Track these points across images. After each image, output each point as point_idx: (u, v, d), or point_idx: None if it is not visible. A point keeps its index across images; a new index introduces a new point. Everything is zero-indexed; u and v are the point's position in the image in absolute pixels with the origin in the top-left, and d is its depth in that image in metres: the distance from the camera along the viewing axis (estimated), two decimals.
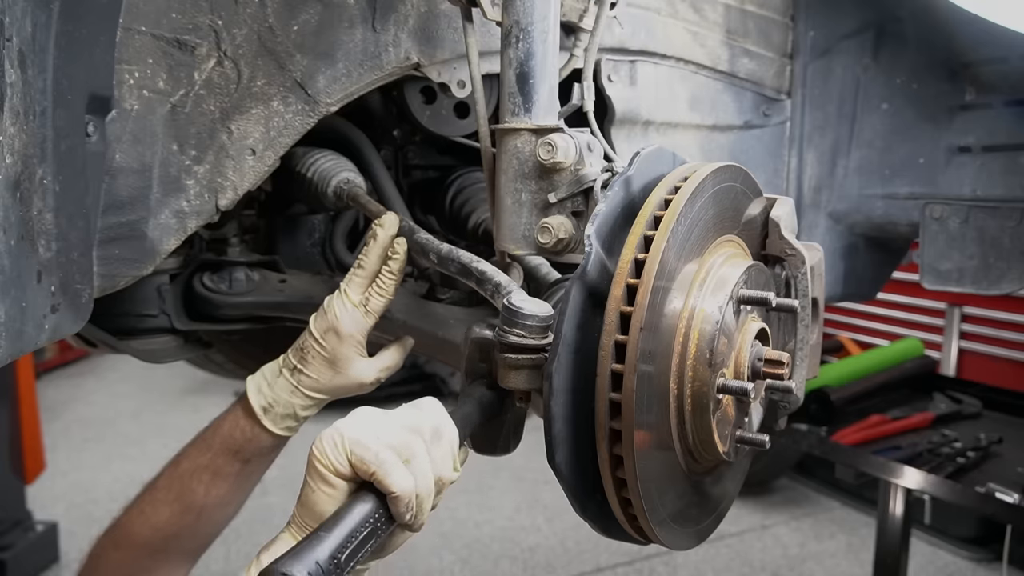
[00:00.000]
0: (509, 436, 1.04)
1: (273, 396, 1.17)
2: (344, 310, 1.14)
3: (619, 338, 0.84)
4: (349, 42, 1.15)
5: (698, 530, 1.01)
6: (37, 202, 0.85)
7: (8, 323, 0.80)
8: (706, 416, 0.90)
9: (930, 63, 1.65)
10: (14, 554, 3.81)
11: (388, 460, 0.79)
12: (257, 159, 1.13)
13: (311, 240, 1.60)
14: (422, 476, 0.82)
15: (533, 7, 1.00)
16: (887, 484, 3.01)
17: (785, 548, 4.36)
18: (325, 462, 0.80)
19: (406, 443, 0.82)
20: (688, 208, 0.89)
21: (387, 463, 0.79)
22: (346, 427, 0.82)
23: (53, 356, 7.26)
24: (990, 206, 1.61)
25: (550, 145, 1.00)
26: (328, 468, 0.80)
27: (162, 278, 1.42)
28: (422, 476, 0.82)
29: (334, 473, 0.80)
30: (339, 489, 0.81)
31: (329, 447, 0.80)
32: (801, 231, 1.73)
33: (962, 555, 4.15)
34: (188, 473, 1.18)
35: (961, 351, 4.74)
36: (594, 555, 4.24)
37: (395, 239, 1.16)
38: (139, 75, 1.01)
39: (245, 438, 1.17)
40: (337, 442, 0.80)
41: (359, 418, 0.84)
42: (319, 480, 0.81)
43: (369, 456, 0.79)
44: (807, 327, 1.08)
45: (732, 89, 1.66)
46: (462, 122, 1.43)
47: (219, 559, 4.18)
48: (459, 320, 1.26)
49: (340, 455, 0.80)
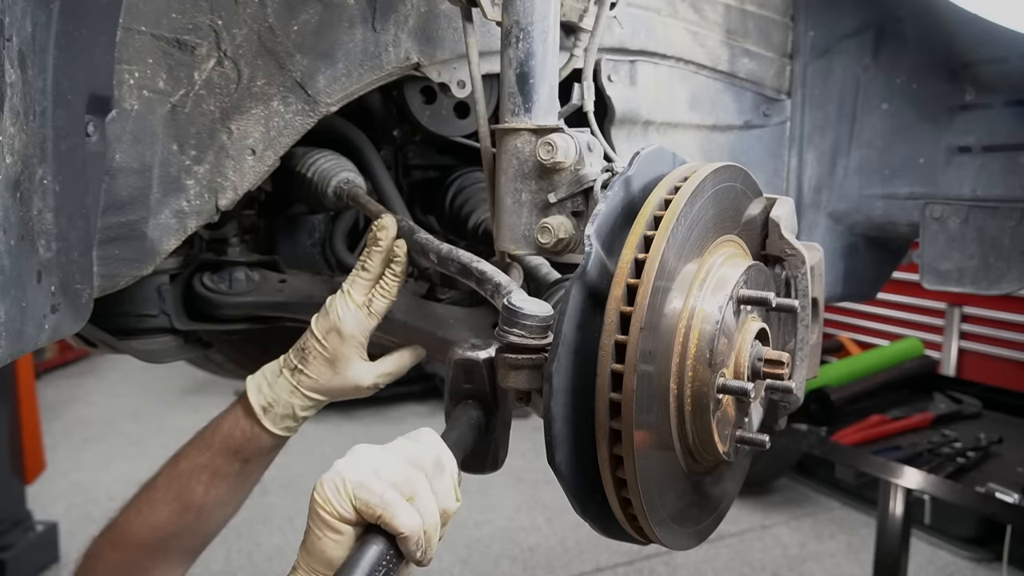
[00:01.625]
0: (497, 453, 1.04)
1: (273, 396, 1.17)
2: (347, 311, 1.14)
3: (619, 338, 0.84)
4: (349, 42, 1.15)
5: (698, 530, 1.01)
6: (37, 202, 0.85)
7: (8, 323, 0.80)
8: (706, 416, 0.90)
9: (930, 63, 1.65)
10: (14, 554, 3.81)
11: (393, 501, 0.77)
12: (257, 159, 1.13)
13: (311, 240, 1.60)
14: (428, 512, 0.80)
15: (533, 7, 1.00)
16: (887, 484, 3.02)
17: (785, 548, 4.37)
18: (329, 508, 0.78)
19: (408, 479, 0.80)
20: (688, 208, 0.89)
21: (392, 504, 0.77)
22: (347, 469, 0.79)
23: (53, 356, 7.26)
24: (990, 206, 1.61)
25: (550, 145, 1.00)
26: (333, 515, 0.78)
27: (162, 278, 1.42)
28: (428, 512, 0.80)
29: (339, 519, 0.78)
30: (346, 534, 0.78)
31: (332, 493, 0.78)
32: (801, 231, 1.73)
33: (962, 555, 4.15)
34: (187, 473, 1.18)
35: (961, 351, 4.74)
36: (594, 555, 4.24)
37: (395, 241, 1.16)
38: (139, 75, 1.01)
39: (245, 438, 1.17)
40: (339, 487, 0.78)
41: (358, 457, 0.82)
42: (324, 527, 0.78)
43: (374, 499, 0.77)
44: (807, 327, 1.08)
45: (732, 89, 1.66)
46: (462, 122, 1.43)
47: (219, 559, 4.18)
48: (459, 320, 1.26)
49: (344, 500, 0.78)
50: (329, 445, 5.55)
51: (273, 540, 4.41)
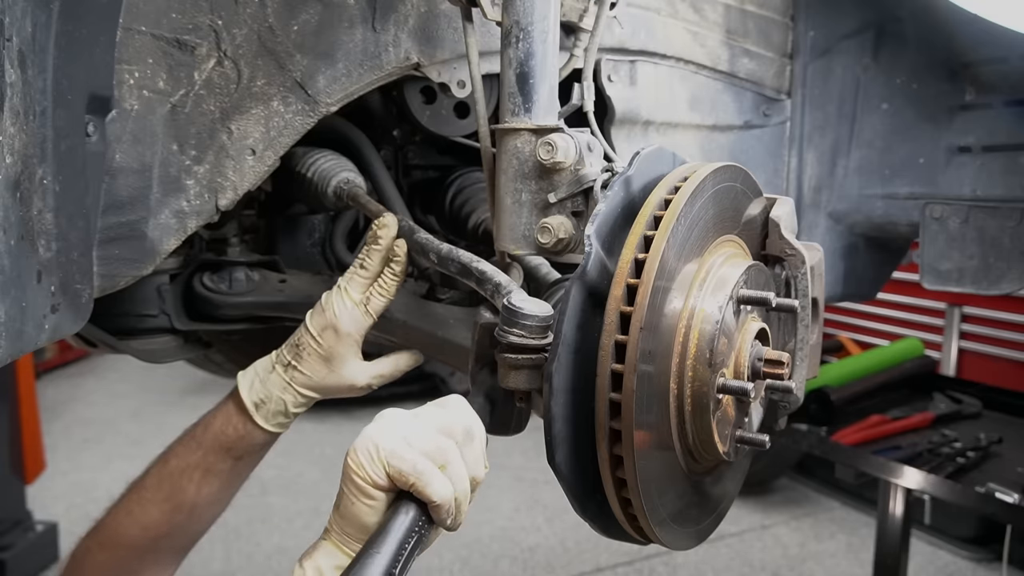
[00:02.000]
0: (521, 414, 1.04)
1: (265, 392, 1.16)
2: (344, 308, 1.14)
3: (619, 338, 0.84)
4: (349, 42, 1.15)
5: (698, 530, 1.01)
6: (37, 202, 0.85)
7: (8, 323, 0.80)
8: (706, 416, 0.90)
9: (930, 63, 1.65)
10: (14, 554, 3.81)
11: (426, 470, 0.79)
12: (257, 159, 1.13)
13: (311, 240, 1.60)
14: (459, 480, 0.82)
15: (533, 7, 1.00)
16: (887, 484, 3.01)
17: (785, 548, 4.37)
18: (363, 475, 0.80)
19: (440, 448, 0.82)
20: (688, 208, 0.89)
21: (426, 473, 0.79)
22: (380, 436, 0.81)
23: (53, 356, 7.26)
24: (990, 206, 1.61)
25: (550, 145, 1.00)
26: (366, 480, 0.80)
27: (162, 278, 1.42)
28: (459, 480, 0.82)
29: (372, 485, 0.80)
30: (379, 500, 0.81)
31: (365, 459, 0.80)
32: (801, 231, 1.73)
33: (962, 555, 4.15)
34: (178, 472, 1.16)
35: (961, 351, 4.73)
36: (594, 555, 4.24)
37: (395, 240, 1.16)
38: (139, 75, 1.01)
39: (237, 435, 1.16)
40: (373, 453, 0.80)
41: (390, 424, 0.83)
42: (358, 492, 0.80)
43: (407, 467, 0.79)
44: (807, 327, 1.08)
45: (732, 89, 1.66)
46: (462, 122, 1.43)
47: (219, 559, 4.18)
48: (459, 320, 1.26)
49: (377, 467, 0.80)
50: (329, 445, 5.56)
51: (273, 540, 4.41)
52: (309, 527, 4.47)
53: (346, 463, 0.81)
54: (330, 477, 5.11)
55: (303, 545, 0.85)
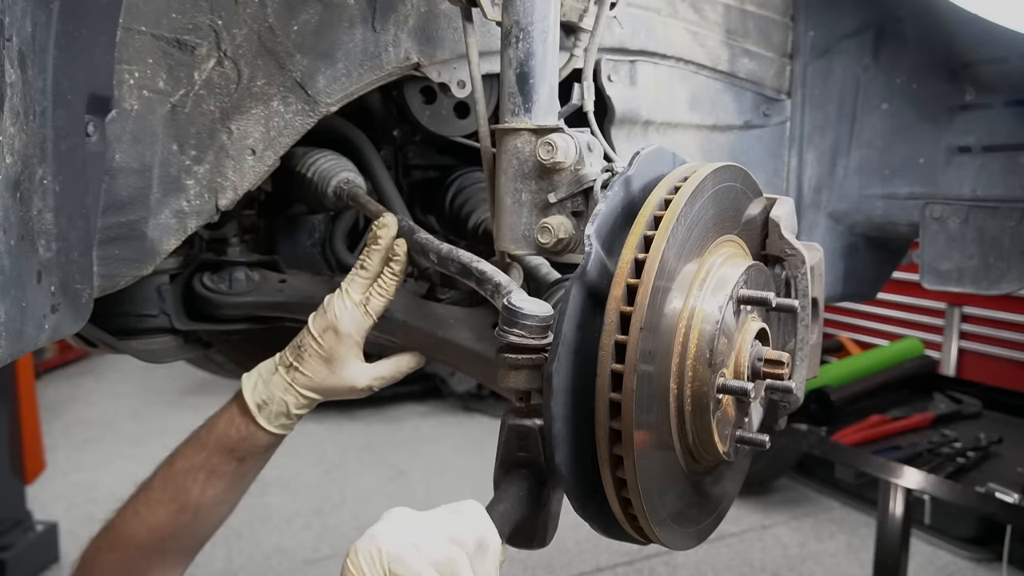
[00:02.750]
0: (547, 527, 0.98)
1: (268, 393, 1.16)
2: (344, 309, 1.14)
3: (619, 338, 0.84)
4: (349, 42, 1.15)
5: (698, 530, 1.01)
6: (37, 202, 0.85)
7: (8, 323, 0.80)
8: (706, 416, 0.90)
9: (930, 63, 1.65)
10: (14, 554, 3.80)
11: None
12: (257, 159, 1.13)
13: (311, 240, 1.60)
14: None
15: (533, 7, 1.00)
16: (887, 484, 3.01)
17: (785, 548, 4.36)
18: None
19: (450, 559, 0.75)
20: (688, 208, 0.89)
21: None
22: (384, 539, 0.74)
23: (53, 356, 7.26)
24: (990, 206, 1.61)
25: (550, 145, 1.00)
26: None
27: (162, 278, 1.42)
28: None
29: None
30: None
31: (366, 563, 0.73)
32: (801, 231, 1.73)
33: (962, 555, 4.15)
34: (183, 473, 1.17)
35: (961, 351, 4.73)
36: (594, 555, 4.24)
37: (395, 240, 1.16)
38: (139, 75, 1.01)
39: (240, 436, 1.17)
40: (375, 557, 0.73)
41: (396, 526, 0.77)
42: None
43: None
44: (807, 327, 1.08)
45: (732, 89, 1.66)
46: (462, 122, 1.43)
47: (219, 559, 4.18)
48: (459, 320, 1.26)
49: (377, 573, 0.73)
50: (329, 445, 5.56)
51: (273, 540, 4.41)
52: (309, 527, 4.47)
53: (344, 565, 0.74)
54: (330, 477, 5.14)
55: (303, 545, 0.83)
